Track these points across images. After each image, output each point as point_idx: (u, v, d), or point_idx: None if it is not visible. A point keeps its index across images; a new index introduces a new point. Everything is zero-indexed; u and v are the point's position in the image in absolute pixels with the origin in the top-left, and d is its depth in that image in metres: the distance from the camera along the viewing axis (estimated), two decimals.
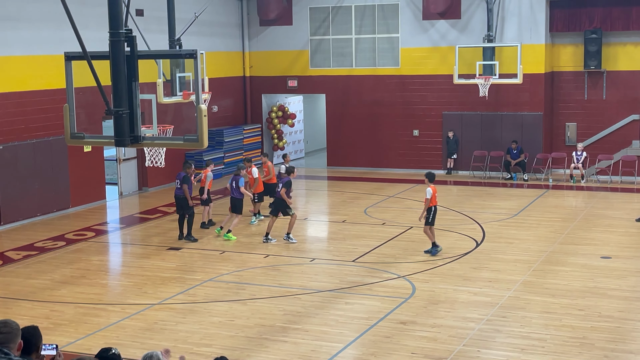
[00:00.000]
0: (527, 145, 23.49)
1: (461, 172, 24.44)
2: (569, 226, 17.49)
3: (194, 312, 12.35)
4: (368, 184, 23.23)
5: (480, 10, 23.53)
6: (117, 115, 8.57)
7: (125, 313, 12.35)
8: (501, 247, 15.91)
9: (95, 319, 12.11)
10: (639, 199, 20.47)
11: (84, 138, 9.18)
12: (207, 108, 18.01)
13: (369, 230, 17.57)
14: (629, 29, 22.80)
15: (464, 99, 24.10)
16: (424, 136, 24.92)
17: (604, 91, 23.44)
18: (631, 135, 23.28)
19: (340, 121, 25.95)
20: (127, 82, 8.60)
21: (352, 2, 25.24)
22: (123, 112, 8.56)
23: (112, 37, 8.43)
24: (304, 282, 13.78)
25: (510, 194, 21.69)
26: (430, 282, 13.64)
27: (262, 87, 26.89)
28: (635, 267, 14.18)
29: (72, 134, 9.09)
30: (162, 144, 8.97)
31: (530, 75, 22.94)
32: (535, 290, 13.06)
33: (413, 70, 24.82)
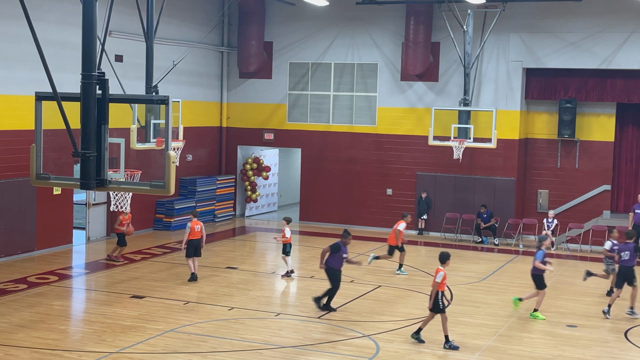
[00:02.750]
0: (499, 210, 23.59)
1: (432, 234, 24.44)
2: None
3: None
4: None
5: (457, 74, 23.85)
6: (84, 157, 8.50)
7: None
8: (468, 310, 15.81)
9: None
10: None
11: (49, 179, 9.06)
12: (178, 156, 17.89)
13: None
14: (603, 100, 23.19)
15: (439, 161, 24.25)
16: (397, 195, 24.97)
17: (576, 160, 23.70)
18: (602, 205, 23.46)
19: (314, 176, 25.97)
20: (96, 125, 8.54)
21: (331, 59, 25.49)
22: (90, 154, 8.48)
23: (84, 79, 8.41)
24: (266, 337, 13.57)
25: (480, 257, 21.68)
26: (395, 342, 13.48)
27: (238, 138, 26.91)
28: (600, 337, 14.14)
29: (37, 175, 8.98)
30: (128, 189, 8.87)
31: (504, 141, 23.17)
32: (500, 356, 12.95)
33: (389, 130, 24.99)
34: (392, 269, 19.53)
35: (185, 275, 17.92)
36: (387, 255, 19.12)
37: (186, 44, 24.18)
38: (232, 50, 26.59)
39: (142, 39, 17.43)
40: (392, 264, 19.89)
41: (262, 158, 27.35)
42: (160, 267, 18.82)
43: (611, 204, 23.59)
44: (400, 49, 24.56)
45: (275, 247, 22.93)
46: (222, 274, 18.30)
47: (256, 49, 25.84)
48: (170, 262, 19.49)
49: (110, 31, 19.10)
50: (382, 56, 24.96)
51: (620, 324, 15.09)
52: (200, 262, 19.53)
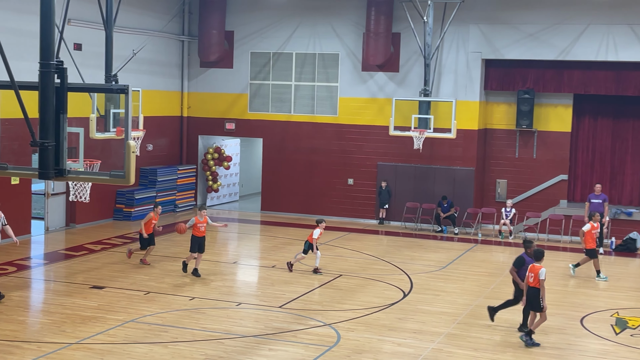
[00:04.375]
0: (459, 200, 23.85)
1: (393, 223, 24.63)
2: (495, 281, 17.73)
3: (112, 353, 12.04)
4: (301, 230, 23.17)
5: (418, 64, 24.01)
6: (43, 147, 8.42)
7: (40, 352, 11.96)
8: (428, 298, 16.00)
9: (9, 357, 11.69)
10: (564, 257, 20.86)
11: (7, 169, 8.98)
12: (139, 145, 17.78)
13: (298, 276, 17.48)
14: (560, 91, 23.53)
15: (399, 151, 24.42)
16: (359, 185, 25.11)
17: (534, 150, 24.04)
18: (559, 195, 23.85)
19: (276, 166, 25.98)
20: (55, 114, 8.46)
21: (293, 49, 25.49)
22: (49, 144, 8.41)
23: (42, 68, 8.33)
24: (228, 327, 13.59)
25: (440, 246, 21.92)
26: (355, 331, 13.60)
27: (200, 128, 26.80)
28: (556, 324, 14.40)
29: None
30: (87, 179, 8.82)
31: (464, 131, 23.40)
32: (459, 343, 13.14)
33: (350, 120, 25.08)
34: (353, 258, 19.66)
35: (146, 266, 17.85)
36: (587, 259, 18.43)
37: (146, 33, 24.00)
38: (193, 40, 26.44)
39: (101, 27, 17.28)
40: (353, 253, 20.03)
41: (224, 148, 27.27)
42: (121, 258, 18.70)
43: (568, 194, 23.98)
44: (362, 40, 24.64)
45: (236, 236, 22.95)
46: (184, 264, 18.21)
47: (217, 38, 25.73)
48: None
49: (69, 19, 18.85)
50: (343, 46, 25.02)
51: (576, 312, 15.38)
52: (161, 252, 19.50)
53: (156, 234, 18.40)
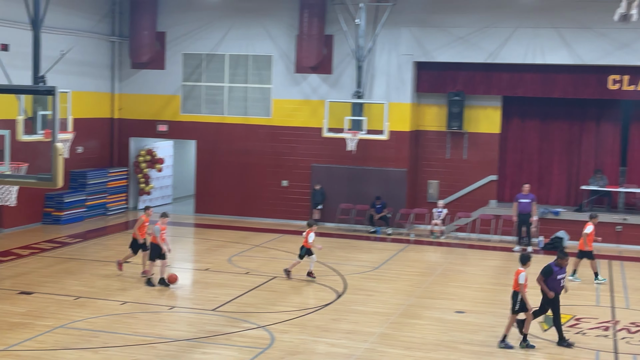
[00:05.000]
0: (392, 200, 24.09)
1: (327, 224, 24.73)
2: (427, 280, 17.98)
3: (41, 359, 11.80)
4: (234, 233, 23.12)
5: (350, 67, 24.17)
6: None
7: None
8: (361, 299, 16.12)
9: None
10: (494, 256, 21.29)
11: None
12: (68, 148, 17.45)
13: (232, 279, 17.42)
14: (489, 93, 23.99)
15: (333, 152, 24.54)
16: (293, 187, 25.13)
17: (464, 151, 24.45)
18: (489, 195, 24.31)
19: (209, 168, 25.81)
20: None
21: (226, 50, 25.37)
22: None
23: None
24: (160, 331, 13.45)
25: (373, 247, 22.11)
26: (289, 332, 13.61)
27: (131, 130, 26.44)
28: (486, 322, 14.68)
29: None
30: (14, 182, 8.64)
31: (396, 133, 23.66)
32: (391, 342, 13.28)
33: (284, 122, 25.10)
34: (288, 259, 19.68)
35: (76, 271, 17.55)
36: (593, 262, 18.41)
37: (76, 33, 23.58)
38: (124, 40, 26.08)
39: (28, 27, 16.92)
40: (287, 255, 20.08)
41: (156, 150, 26.97)
42: (50, 262, 18.33)
43: (497, 194, 24.48)
44: (295, 42, 24.68)
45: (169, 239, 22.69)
46: (114, 268, 17.95)
47: (148, 39, 25.44)
48: (60, 257, 19.01)
49: None
50: (276, 48, 25.02)
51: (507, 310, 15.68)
52: (91, 255, 19.20)
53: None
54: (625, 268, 20.05)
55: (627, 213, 23.18)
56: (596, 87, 22.96)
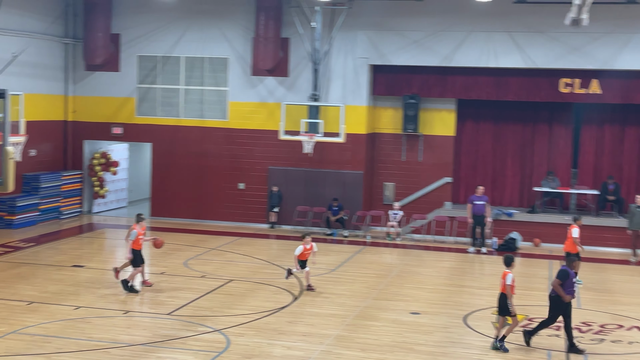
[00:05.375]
0: (348, 203, 24.19)
1: (284, 227, 24.73)
2: (383, 282, 18.10)
3: None
4: (191, 236, 23.00)
5: (307, 69, 24.22)
6: None
7: None
8: (318, 301, 16.17)
9: None
10: (449, 258, 21.50)
11: None
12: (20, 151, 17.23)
13: (188, 282, 17.33)
14: (444, 96, 24.24)
15: (290, 155, 24.56)
16: (249, 189, 25.09)
17: (420, 154, 24.66)
18: (444, 197, 24.55)
19: (165, 171, 25.65)
20: None
21: (181, 53, 25.25)
22: None
23: None
24: (114, 336, 13.33)
25: (330, 249, 22.17)
26: (245, 335, 13.60)
27: (85, 133, 26.15)
28: (441, 323, 14.83)
29: None
30: None
31: (352, 135, 23.77)
32: (347, 344, 13.35)
33: (241, 124, 25.04)
34: (244, 262, 19.65)
35: (29, 275, 17.30)
36: None
37: (28, 35, 23.26)
38: (78, 42, 25.78)
39: None
40: (244, 258, 20.04)
41: (110, 153, 26.71)
42: (2, 267, 18.04)
43: (452, 195, 24.73)
44: (251, 44, 24.66)
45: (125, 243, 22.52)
46: (68, 273, 17.78)
47: (103, 41, 25.20)
48: (12, 262, 18.72)
49: None
50: (232, 50, 24.97)
51: (460, 310, 15.88)
52: (44, 260, 18.95)
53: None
54: None
55: (579, 214, 23.57)
56: (548, 90, 23.35)
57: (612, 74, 22.71)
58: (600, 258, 21.72)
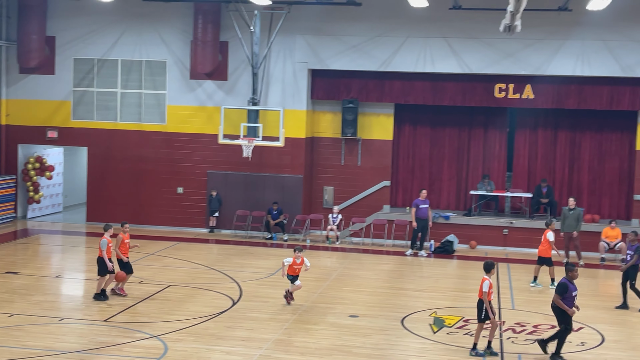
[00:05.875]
0: (288, 207, 24.24)
1: (224, 231, 24.64)
2: (322, 285, 18.19)
3: None
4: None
5: (246, 73, 24.20)
6: None
7: None
8: (257, 305, 16.17)
9: None
10: (387, 261, 21.72)
11: None
12: None
13: (125, 288, 17.10)
14: (382, 100, 24.48)
15: (229, 159, 24.49)
16: (188, 194, 24.93)
17: (359, 158, 24.85)
18: (382, 200, 24.78)
19: (102, 175, 25.31)
20: None
21: (118, 56, 24.97)
22: None
23: None
24: (49, 343, 13.11)
25: (270, 253, 22.18)
26: (183, 341, 13.52)
27: (19, 136, 25.63)
28: (379, 326, 14.98)
29: None
30: None
31: (292, 139, 23.83)
32: (286, 348, 13.39)
33: (179, 128, 24.88)
34: (182, 268, 19.52)
35: None
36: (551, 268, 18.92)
37: None
38: (12, 45, 25.25)
39: None
40: (182, 263, 19.92)
41: (45, 157, 26.23)
42: None
43: (390, 199, 24.99)
44: (189, 47, 24.52)
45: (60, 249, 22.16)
46: (1, 280, 17.40)
47: (37, 44, 24.75)
48: None
49: None
50: (170, 54, 24.79)
51: (398, 312, 16.06)
52: None
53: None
54: (511, 270, 20.83)
55: (513, 217, 24.12)
56: (483, 95, 23.79)
57: (544, 79, 23.27)
58: (533, 260, 22.17)
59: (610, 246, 22.03)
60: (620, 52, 22.49)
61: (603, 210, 24.23)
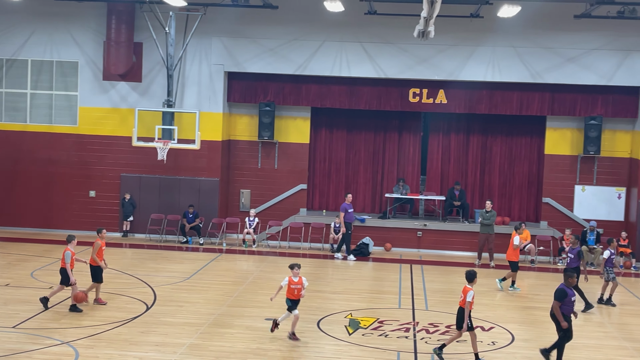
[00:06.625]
0: (204, 210, 24.03)
1: (138, 235, 24.24)
2: (239, 289, 18.10)
3: None
4: (38, 246, 22.12)
5: (161, 75, 23.88)
6: None
7: None
8: (171, 310, 15.96)
9: None
10: (304, 263, 21.62)
11: None
12: None
13: (35, 294, 16.62)
14: (299, 104, 24.54)
15: (143, 162, 24.11)
16: (101, 197, 24.43)
17: (276, 161, 24.84)
18: (299, 203, 24.83)
19: (10, 179, 24.54)
20: None
21: (28, 56, 24.28)
22: None
23: None
24: None
25: (185, 257, 21.94)
26: (95, 347, 13.24)
27: None
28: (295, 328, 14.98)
29: None
30: None
31: (208, 142, 23.64)
32: (201, 352, 13.26)
33: (92, 130, 24.36)
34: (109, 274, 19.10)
35: None
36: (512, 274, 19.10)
37: None
38: None
39: None
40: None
41: None
42: None
43: (307, 202, 25.07)
44: (102, 48, 24.04)
45: None
46: None
47: None
48: None
49: None
50: (83, 54, 24.25)
51: (313, 315, 16.11)
52: None
53: None
54: (425, 271, 21.17)
55: (427, 219, 24.54)
56: (398, 99, 24.13)
57: (457, 84, 23.76)
58: (446, 261, 22.65)
59: (520, 247, 22.63)
60: (530, 58, 23.18)
61: (513, 212, 24.90)
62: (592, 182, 24.05)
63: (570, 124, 24.12)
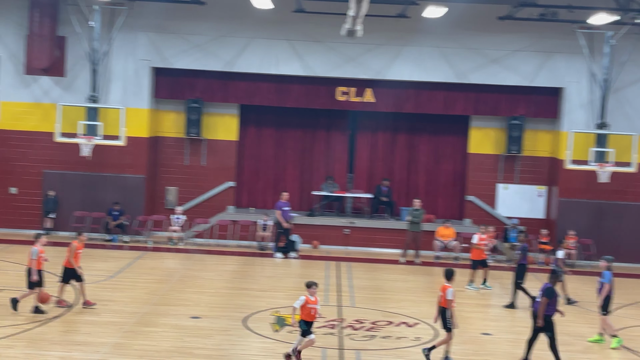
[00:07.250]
0: (130, 207, 23.66)
1: (61, 233, 23.72)
2: (164, 287, 17.92)
3: None
4: None
5: (85, 70, 23.39)
6: None
7: None
8: (95, 310, 15.68)
9: None
10: (231, 261, 21.68)
11: None
12: None
13: None
14: (227, 101, 24.41)
15: (67, 158, 23.59)
16: (22, 194, 23.83)
17: (203, 158, 24.66)
18: (227, 201, 24.72)
19: None
20: None
21: None
22: None
23: None
24: None
25: (110, 255, 21.59)
26: (15, 347, 12.94)
27: None
28: (220, 327, 14.94)
29: None
30: None
31: (133, 139, 23.26)
32: (125, 352, 13.09)
33: (13, 126, 23.73)
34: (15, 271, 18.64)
35: None
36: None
37: None
38: None
39: None
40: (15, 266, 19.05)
41: None
42: None
43: (235, 200, 24.97)
44: (24, 42, 23.43)
45: None
46: None
47: None
48: None
49: None
50: (4, 48, 23.58)
51: (240, 313, 16.07)
52: None
53: None
54: (352, 269, 21.34)
55: (354, 217, 24.73)
56: (326, 98, 24.25)
57: (384, 83, 24.00)
58: (372, 258, 22.87)
59: (444, 245, 23.06)
60: (455, 59, 23.58)
61: (438, 210, 25.29)
62: (514, 181, 24.64)
63: (494, 124, 24.66)
